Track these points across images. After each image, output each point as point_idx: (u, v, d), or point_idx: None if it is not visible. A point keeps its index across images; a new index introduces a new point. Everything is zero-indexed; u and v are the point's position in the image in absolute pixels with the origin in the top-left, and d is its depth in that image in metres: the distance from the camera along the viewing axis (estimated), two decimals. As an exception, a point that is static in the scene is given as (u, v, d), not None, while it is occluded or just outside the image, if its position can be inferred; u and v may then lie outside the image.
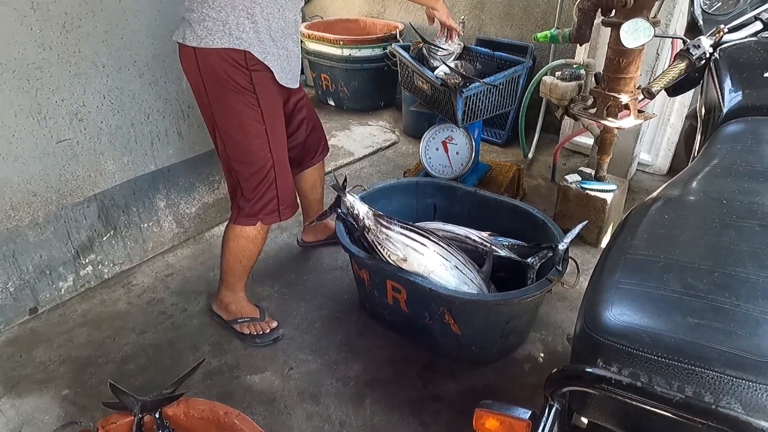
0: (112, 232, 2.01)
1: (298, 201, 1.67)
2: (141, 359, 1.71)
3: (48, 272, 1.87)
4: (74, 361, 1.70)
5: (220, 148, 1.57)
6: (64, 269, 1.91)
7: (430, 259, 1.55)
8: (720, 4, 1.50)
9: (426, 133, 2.27)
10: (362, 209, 1.61)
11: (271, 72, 1.45)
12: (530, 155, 2.87)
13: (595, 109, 1.98)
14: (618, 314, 0.63)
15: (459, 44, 2.23)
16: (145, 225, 2.11)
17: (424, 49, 2.14)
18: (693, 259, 0.71)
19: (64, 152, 1.78)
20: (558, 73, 2.21)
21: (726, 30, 1.38)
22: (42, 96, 1.67)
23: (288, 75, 1.52)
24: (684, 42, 1.44)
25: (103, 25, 1.73)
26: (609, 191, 2.09)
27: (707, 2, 1.54)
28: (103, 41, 1.75)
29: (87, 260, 1.97)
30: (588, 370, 0.58)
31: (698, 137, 1.43)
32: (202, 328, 1.83)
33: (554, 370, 0.62)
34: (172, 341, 1.78)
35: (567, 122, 2.77)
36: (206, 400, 1.21)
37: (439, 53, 2.13)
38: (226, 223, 2.38)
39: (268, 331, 1.74)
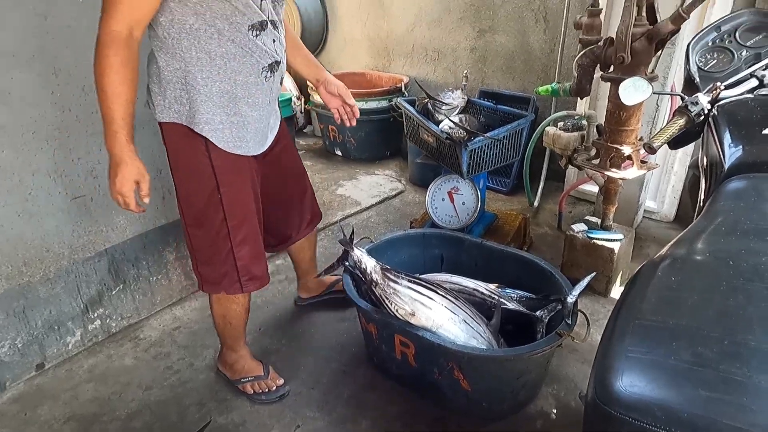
0: (121, 286, 2.02)
1: (269, 275, 1.62)
2: (146, 416, 1.69)
3: (56, 327, 1.88)
4: (79, 419, 1.68)
5: (180, 213, 1.52)
6: (72, 324, 1.92)
7: (439, 314, 1.54)
8: (715, 62, 1.55)
9: (432, 183, 2.30)
10: (369, 263, 1.62)
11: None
12: (536, 203, 2.89)
13: (598, 160, 2.01)
14: (629, 385, 0.63)
15: (463, 98, 2.30)
16: (154, 278, 2.12)
17: (429, 104, 2.20)
18: (702, 326, 0.71)
19: (79, 209, 1.82)
20: (560, 124, 2.26)
21: (722, 87, 1.41)
22: (59, 155, 1.72)
23: (242, 143, 1.41)
24: (682, 99, 1.48)
25: (120, 86, 1.80)
26: (616, 240, 2.09)
27: (702, 60, 1.59)
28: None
29: (95, 314, 1.98)
30: (601, 448, 0.57)
31: (702, 190, 1.45)
32: (208, 383, 1.81)
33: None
34: (178, 397, 1.76)
35: (571, 170, 2.81)
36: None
37: (443, 108, 2.19)
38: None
39: (274, 388, 1.72)
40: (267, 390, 1.71)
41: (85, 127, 1.76)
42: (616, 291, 2.17)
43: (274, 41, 1.37)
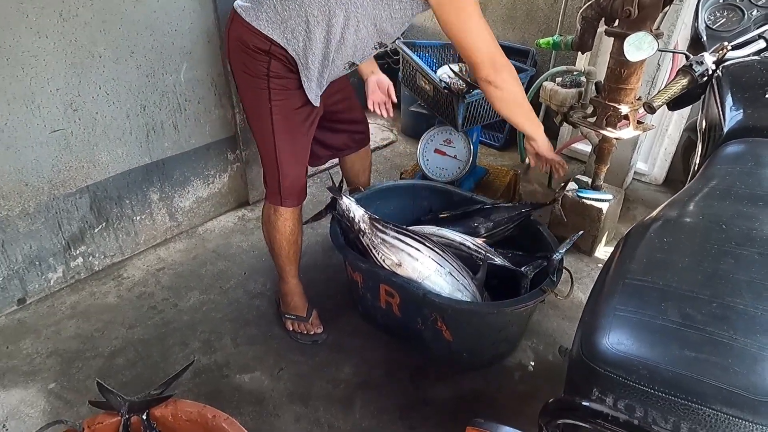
0: (104, 224, 1.99)
1: (306, 193, 1.69)
2: (129, 354, 1.70)
3: (37, 263, 1.85)
4: (62, 354, 1.69)
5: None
6: (54, 260, 1.89)
7: (425, 265, 1.54)
8: (724, 20, 1.50)
9: (424, 134, 2.25)
10: (358, 213, 1.60)
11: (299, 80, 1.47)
12: (527, 160, 2.86)
13: (594, 118, 1.97)
14: (615, 343, 0.63)
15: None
16: (138, 218, 2.09)
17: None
18: (691, 288, 0.70)
19: (58, 142, 1.75)
20: (558, 80, 2.21)
21: (729, 47, 1.37)
22: (36, 85, 1.64)
23: (314, 92, 1.51)
24: (687, 57, 1.44)
25: (100, 14, 1.70)
26: (605, 201, 2.09)
27: (711, 18, 1.54)
28: (101, 31, 1.72)
29: (78, 252, 1.95)
30: (584, 403, 0.57)
31: (698, 154, 1.43)
32: (192, 324, 1.82)
33: (550, 400, 0.62)
34: (162, 337, 1.77)
35: (565, 128, 2.77)
36: (194, 402, 1.20)
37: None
38: (219, 218, 2.40)
39: (311, 332, 1.76)
40: (305, 332, 1.76)
41: (63, 56, 1.66)
42: (602, 251, 2.20)
43: (370, 55, 1.57)
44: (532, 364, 1.69)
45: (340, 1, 1.33)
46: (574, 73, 2.24)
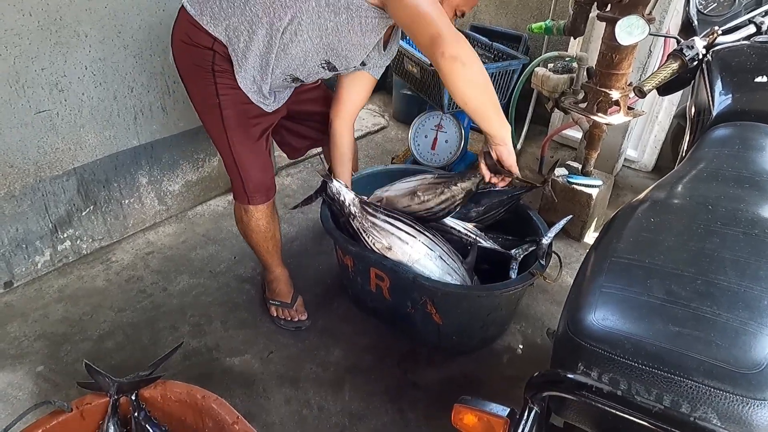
0: (91, 207, 1.96)
1: (275, 188, 1.63)
2: (118, 338, 1.69)
3: (24, 246, 1.83)
4: (50, 338, 1.68)
5: None
6: (41, 243, 1.87)
7: (415, 249, 1.54)
8: (715, 5, 1.50)
9: (416, 119, 2.25)
10: (348, 196, 1.59)
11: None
12: (519, 146, 2.87)
13: (585, 104, 1.98)
14: (601, 319, 0.63)
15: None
16: (127, 201, 2.06)
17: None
18: (677, 266, 0.71)
19: (43, 123, 1.72)
20: (550, 65, 2.20)
21: (720, 32, 1.38)
22: (20, 64, 1.61)
23: (265, 100, 1.46)
24: (678, 42, 1.44)
25: (86, -8, 1.67)
26: (595, 186, 2.10)
27: (702, 2, 1.54)
28: (86, 9, 1.68)
29: (65, 235, 1.93)
30: (569, 376, 0.58)
31: (687, 138, 1.44)
32: (182, 307, 1.81)
33: (535, 374, 0.63)
34: (151, 320, 1.76)
35: (556, 115, 2.77)
36: (184, 383, 1.19)
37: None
38: (208, 202, 2.38)
39: (296, 319, 1.75)
40: (288, 318, 1.75)
41: (48, 35, 1.63)
42: (591, 236, 2.21)
43: (318, 76, 1.47)
44: (521, 347, 1.71)
45: (287, 5, 1.26)
46: (566, 58, 2.24)
